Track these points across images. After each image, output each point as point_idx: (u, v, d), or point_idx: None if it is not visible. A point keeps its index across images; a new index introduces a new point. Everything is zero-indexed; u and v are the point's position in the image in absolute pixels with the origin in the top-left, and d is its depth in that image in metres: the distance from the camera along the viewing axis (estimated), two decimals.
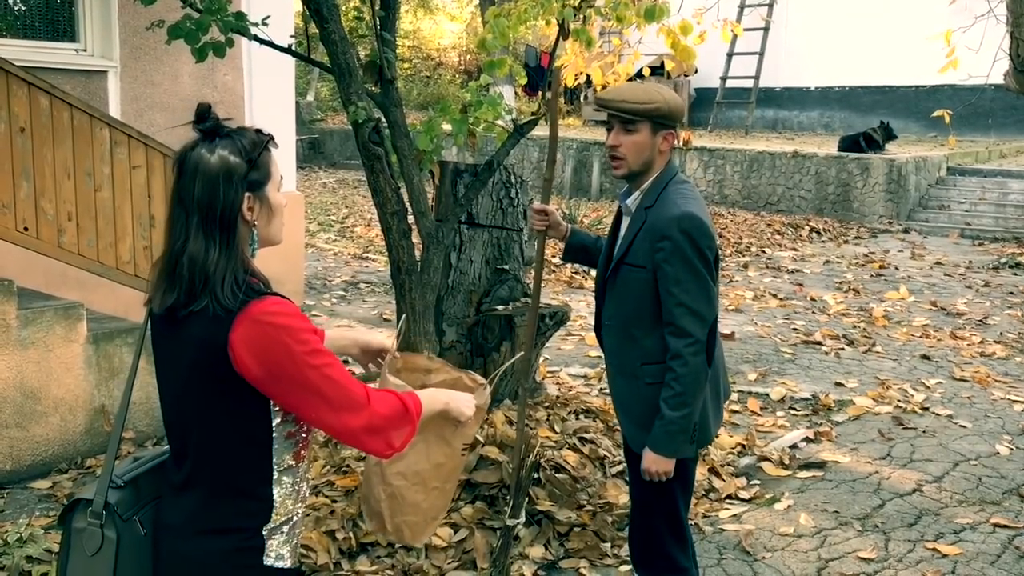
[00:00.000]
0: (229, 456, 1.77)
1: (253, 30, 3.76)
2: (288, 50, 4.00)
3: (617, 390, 2.82)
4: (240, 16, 3.70)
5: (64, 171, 4.58)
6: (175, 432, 1.82)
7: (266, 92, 7.33)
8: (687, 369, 2.55)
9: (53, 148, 4.53)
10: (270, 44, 3.80)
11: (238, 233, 1.78)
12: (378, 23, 3.91)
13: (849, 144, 13.96)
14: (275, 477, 1.80)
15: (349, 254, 10.89)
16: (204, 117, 1.83)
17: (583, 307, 8.22)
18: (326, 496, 3.77)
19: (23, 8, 6.40)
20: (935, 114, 7.56)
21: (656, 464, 2.63)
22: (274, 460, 1.80)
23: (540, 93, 4.24)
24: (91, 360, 4.73)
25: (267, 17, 3.83)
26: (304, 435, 1.86)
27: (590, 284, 9.35)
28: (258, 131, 1.88)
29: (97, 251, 4.73)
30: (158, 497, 1.84)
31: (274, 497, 1.80)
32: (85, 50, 6.40)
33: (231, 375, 1.71)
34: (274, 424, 1.79)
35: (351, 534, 3.56)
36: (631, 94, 2.61)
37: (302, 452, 1.87)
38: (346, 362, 2.29)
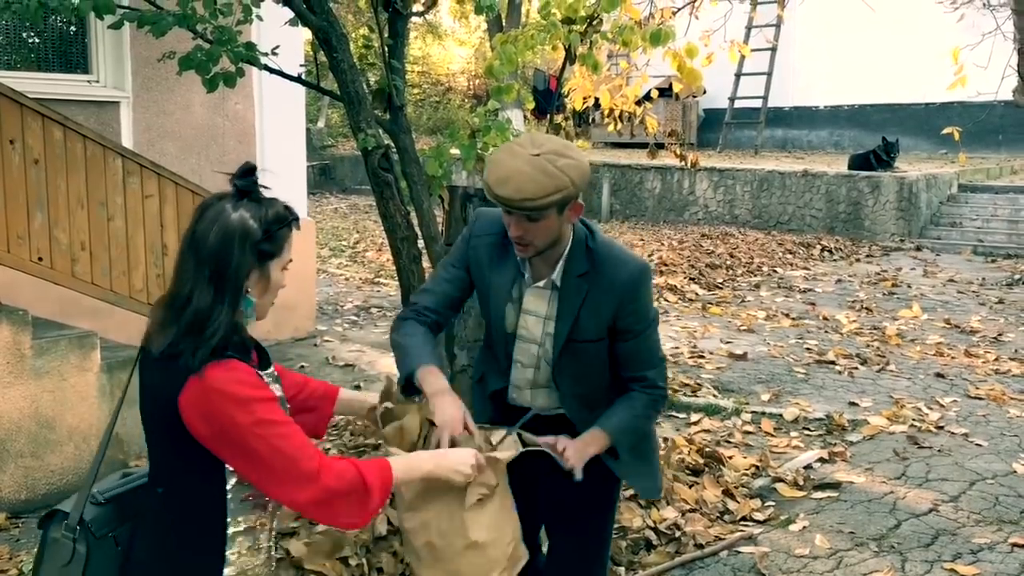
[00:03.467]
0: (184, 506, 1.78)
1: (263, 60, 3.82)
2: (298, 79, 4.05)
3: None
4: (250, 46, 3.76)
5: (78, 201, 4.62)
6: (150, 462, 1.86)
7: (277, 120, 7.39)
8: (657, 390, 2.53)
9: (67, 179, 4.58)
10: (280, 73, 3.85)
11: (237, 293, 1.78)
12: (386, 51, 3.96)
13: (859, 162, 13.96)
14: (229, 535, 1.79)
15: (360, 279, 10.92)
16: (246, 174, 1.83)
17: None
18: None
19: (37, 41, 6.48)
20: (945, 131, 7.57)
21: (585, 447, 2.43)
22: (228, 519, 1.78)
23: (549, 117, 4.27)
24: (105, 389, 4.75)
25: (277, 47, 3.88)
26: (266, 500, 1.82)
27: None
28: (287, 208, 1.87)
29: (110, 280, 4.77)
30: (139, 515, 1.87)
31: (228, 556, 1.79)
32: (98, 81, 6.48)
33: (183, 430, 1.71)
34: (229, 485, 1.77)
35: (364, 560, 3.55)
36: (532, 189, 2.20)
37: (263, 518, 1.84)
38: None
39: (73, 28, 6.42)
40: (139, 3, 4.02)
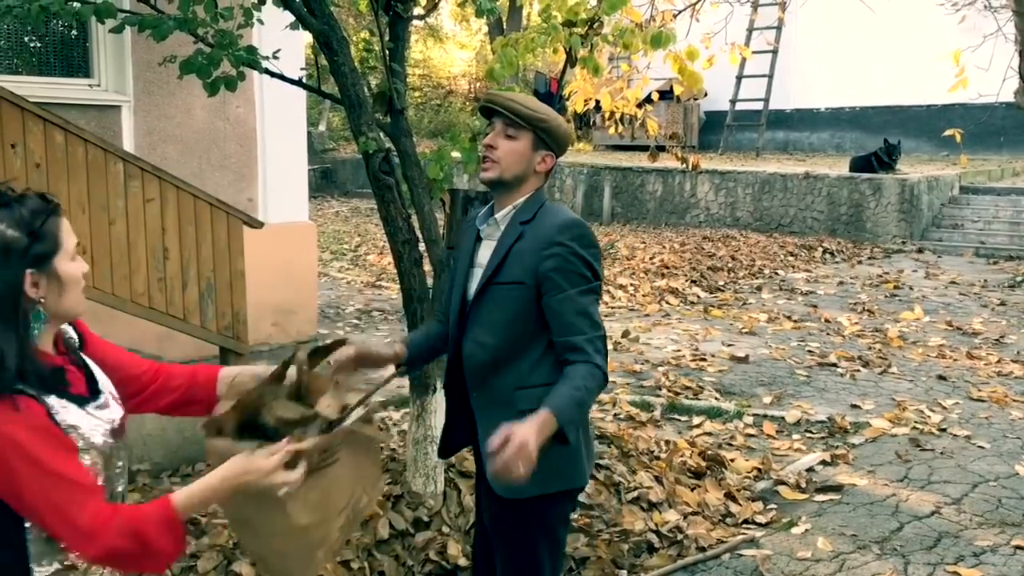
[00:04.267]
0: None
1: (264, 64, 3.81)
2: (299, 83, 4.05)
3: (487, 425, 2.38)
4: (251, 50, 3.75)
5: (79, 205, 4.62)
6: None
7: (278, 123, 7.39)
8: (598, 370, 2.30)
9: (68, 183, 4.58)
10: (281, 77, 3.85)
11: (19, 314, 1.61)
12: (387, 54, 3.95)
13: (861, 164, 13.95)
14: None
15: (362, 282, 10.92)
16: None
17: None
18: None
19: (38, 45, 6.48)
20: (946, 133, 7.56)
21: (528, 438, 2.09)
22: (31, 563, 1.66)
23: None
24: None
25: (278, 51, 3.88)
26: None
27: (603, 308, 9.35)
28: (43, 196, 1.69)
29: (112, 284, 4.76)
30: None
31: None
32: (99, 85, 6.48)
33: None
34: (27, 525, 1.65)
35: (366, 564, 3.55)
36: (522, 99, 2.47)
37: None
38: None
39: (74, 32, 6.42)
40: (140, 7, 4.02)
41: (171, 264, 4.97)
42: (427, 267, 4.05)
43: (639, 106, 6.54)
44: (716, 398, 6.32)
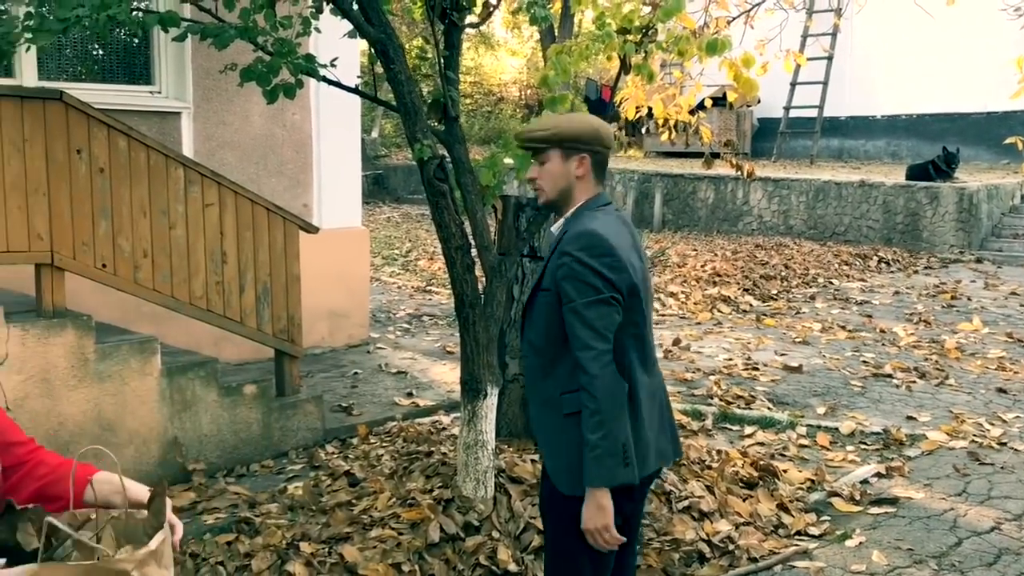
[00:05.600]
0: None
1: (322, 71, 3.87)
2: (355, 90, 4.10)
3: (539, 423, 2.61)
4: (310, 58, 3.82)
5: (140, 210, 4.73)
6: None
7: (333, 130, 7.50)
8: (594, 381, 2.35)
9: (130, 187, 4.69)
10: (339, 85, 3.91)
11: None
12: (442, 62, 3.99)
13: (918, 172, 13.70)
14: None
15: (412, 287, 11.01)
16: None
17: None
18: (392, 528, 3.79)
19: (102, 54, 6.66)
20: (1007, 141, 7.40)
21: (594, 511, 2.35)
22: None
23: None
24: (164, 393, 4.85)
25: (335, 59, 3.94)
26: None
27: (654, 316, 9.28)
28: None
29: (171, 287, 4.87)
30: None
31: None
32: (160, 92, 6.64)
33: None
34: None
35: (417, 567, 3.58)
36: (534, 124, 2.60)
37: None
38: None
39: (136, 41, 6.58)
40: (202, 16, 4.11)
41: (229, 268, 5.06)
42: (479, 272, 4.08)
43: (692, 113, 6.51)
44: (769, 408, 6.25)
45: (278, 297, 5.29)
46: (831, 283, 11.13)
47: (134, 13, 3.75)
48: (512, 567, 3.62)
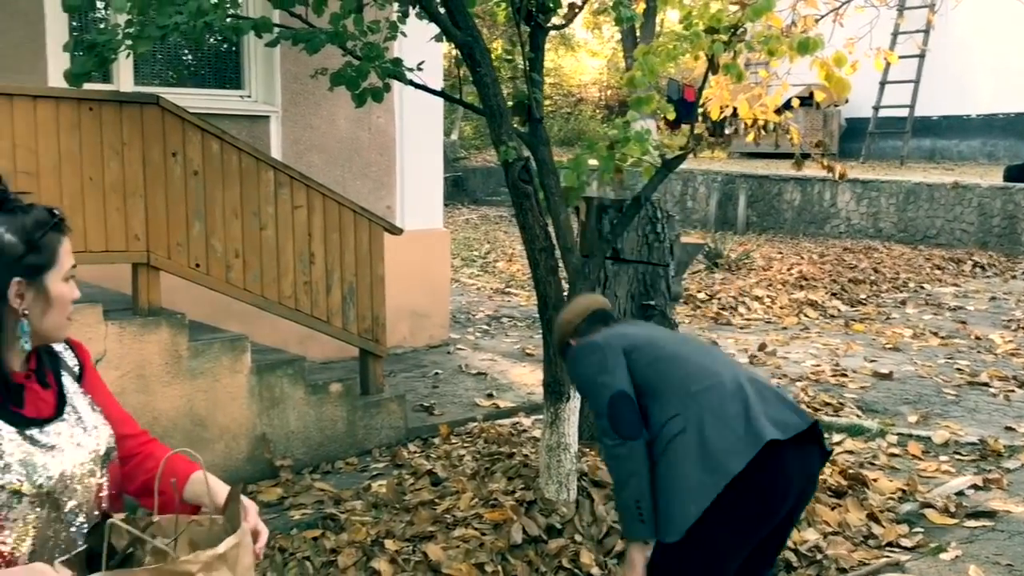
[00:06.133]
0: None
1: (409, 75, 3.92)
2: (441, 93, 4.14)
3: None
4: (397, 62, 3.87)
5: (232, 211, 4.85)
6: None
7: (416, 133, 7.58)
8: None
9: (223, 189, 4.82)
10: (425, 88, 3.94)
11: (11, 321, 1.57)
12: (527, 64, 4.00)
13: (1016, 173, 13.17)
14: None
15: (491, 289, 11.05)
16: None
17: (731, 344, 8.05)
18: (475, 529, 3.81)
19: (194, 59, 6.87)
20: None
21: (626, 568, 2.64)
22: None
23: (690, 126, 4.22)
24: (254, 390, 4.97)
25: (422, 63, 3.98)
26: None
27: (739, 320, 9.15)
28: (50, 210, 1.64)
29: (261, 286, 4.98)
30: None
31: None
32: (250, 96, 6.80)
33: None
34: None
35: (500, 567, 3.58)
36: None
37: None
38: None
39: (226, 47, 6.76)
40: (291, 22, 4.19)
41: (316, 268, 5.15)
42: (562, 274, 4.06)
43: (778, 112, 6.38)
44: (858, 415, 6.08)
45: (363, 297, 5.37)
46: (922, 288, 10.79)
47: (229, 20, 3.85)
48: (595, 571, 3.60)
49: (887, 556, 4.04)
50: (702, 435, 2.54)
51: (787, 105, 7.01)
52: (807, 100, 13.63)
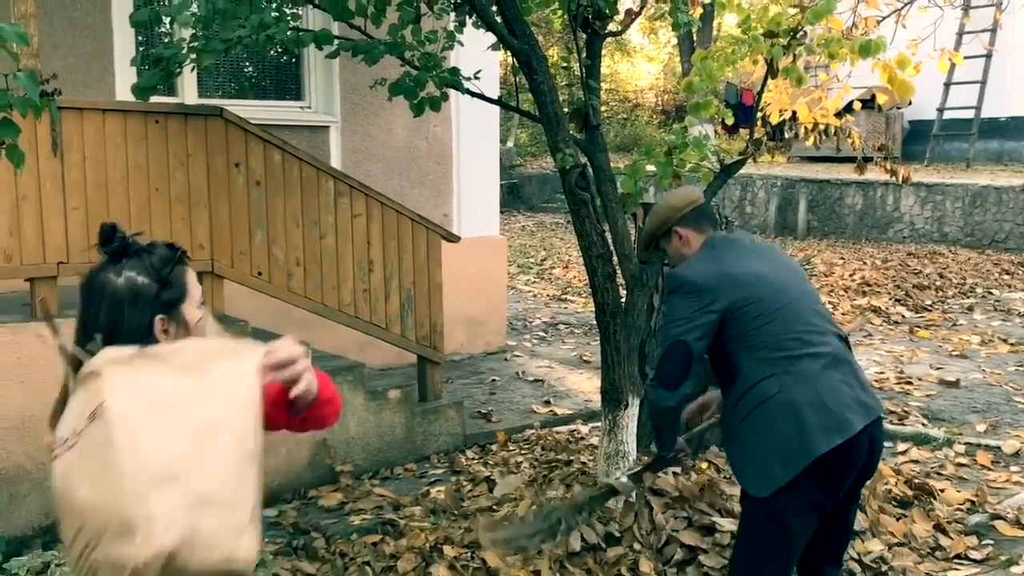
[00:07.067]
0: None
1: (466, 84, 3.94)
2: (498, 101, 4.17)
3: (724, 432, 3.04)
4: (454, 71, 3.90)
5: (293, 220, 4.94)
6: None
7: (472, 141, 7.62)
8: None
9: (284, 199, 4.90)
10: (482, 97, 3.97)
11: None
12: (583, 71, 4.00)
13: None
14: None
15: (548, 295, 11.05)
16: (108, 237, 1.70)
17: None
18: None
19: (256, 71, 7.00)
20: None
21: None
22: None
23: (750, 131, 4.18)
24: None
25: (479, 71, 4.00)
26: None
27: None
28: (170, 246, 1.76)
29: (321, 294, 5.06)
30: None
31: None
32: (310, 107, 6.91)
33: None
34: None
35: (558, 575, 3.58)
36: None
37: None
38: None
39: (286, 58, 6.88)
40: (350, 33, 4.25)
41: (375, 276, 5.21)
42: (619, 281, 4.05)
43: (839, 116, 6.27)
44: (924, 424, 5.94)
45: (421, 304, 5.41)
46: (991, 293, 10.51)
47: (290, 32, 3.92)
48: None
49: (955, 568, 3.94)
50: (796, 405, 2.62)
51: (848, 108, 6.87)
52: (869, 103, 13.36)
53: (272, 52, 6.66)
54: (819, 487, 2.63)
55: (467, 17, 4.13)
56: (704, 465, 4.24)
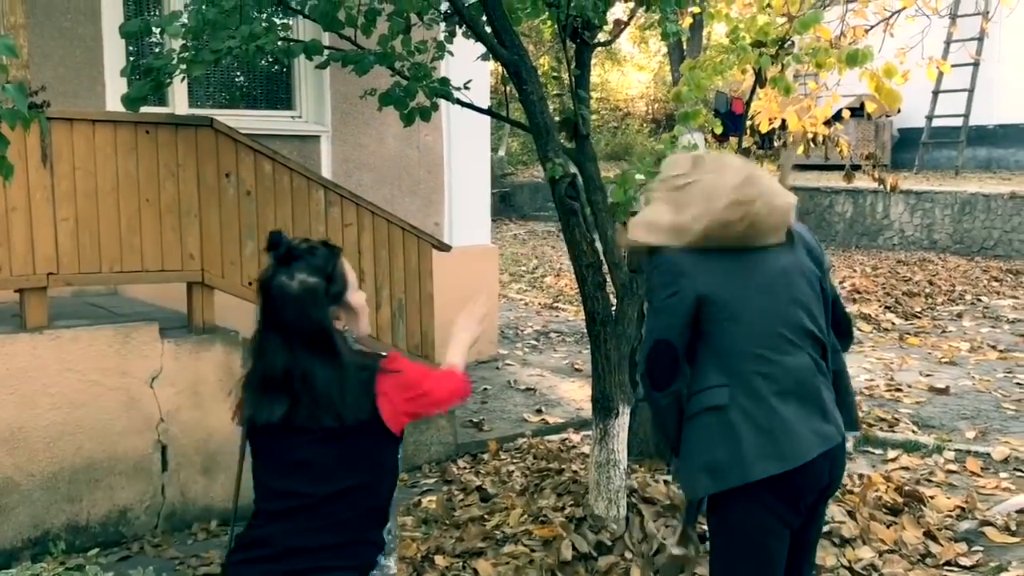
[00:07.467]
0: None
1: (456, 94, 3.96)
2: (488, 111, 4.18)
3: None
4: (444, 81, 3.91)
5: (284, 230, 4.92)
6: None
7: (463, 150, 7.64)
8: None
9: (275, 209, 4.90)
10: (472, 107, 3.98)
11: (336, 343, 1.94)
12: (573, 81, 4.02)
13: None
14: None
15: (539, 304, 11.06)
16: (276, 244, 1.96)
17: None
18: (525, 545, 3.81)
19: (246, 81, 7.01)
20: None
21: None
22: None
23: (737, 140, 4.21)
24: None
25: (469, 81, 4.02)
26: None
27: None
28: (325, 242, 2.02)
29: None
30: None
31: None
32: (301, 117, 6.92)
33: None
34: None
35: None
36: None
37: None
38: None
39: (276, 68, 6.89)
40: (341, 43, 4.26)
41: (366, 285, 5.21)
42: (609, 290, 4.06)
43: (828, 124, 6.30)
44: (913, 431, 5.97)
45: (412, 313, 5.41)
46: (979, 300, 10.57)
47: (280, 43, 3.93)
48: None
49: (945, 575, 3.95)
50: (738, 427, 2.44)
51: (837, 116, 6.91)
52: (858, 111, 13.44)
53: (263, 62, 6.67)
54: (776, 499, 2.47)
55: (457, 27, 4.15)
56: None
